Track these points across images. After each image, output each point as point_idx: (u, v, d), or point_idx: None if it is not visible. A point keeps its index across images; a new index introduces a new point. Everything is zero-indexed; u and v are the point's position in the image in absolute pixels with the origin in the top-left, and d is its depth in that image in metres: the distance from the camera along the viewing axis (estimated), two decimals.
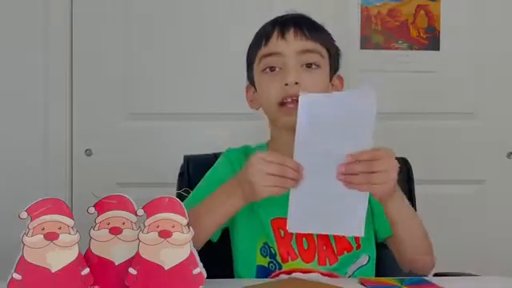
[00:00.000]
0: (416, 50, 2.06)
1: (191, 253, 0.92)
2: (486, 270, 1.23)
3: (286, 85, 1.15)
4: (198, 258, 0.93)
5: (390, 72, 2.05)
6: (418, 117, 2.08)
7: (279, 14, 1.24)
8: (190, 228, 0.93)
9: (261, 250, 1.20)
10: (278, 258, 1.18)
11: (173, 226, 0.91)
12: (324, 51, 1.21)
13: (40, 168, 1.99)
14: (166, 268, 0.92)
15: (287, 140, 1.20)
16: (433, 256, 1.19)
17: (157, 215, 0.91)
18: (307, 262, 1.17)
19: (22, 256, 0.88)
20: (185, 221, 0.92)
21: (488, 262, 1.90)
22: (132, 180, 1.99)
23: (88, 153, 2.01)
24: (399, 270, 1.21)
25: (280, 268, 1.18)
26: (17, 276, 0.88)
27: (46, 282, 0.88)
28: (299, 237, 1.18)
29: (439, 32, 2.06)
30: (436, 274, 1.20)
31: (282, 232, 1.18)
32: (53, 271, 0.89)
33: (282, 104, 1.16)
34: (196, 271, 0.93)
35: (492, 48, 2.08)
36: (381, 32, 2.05)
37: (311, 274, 1.16)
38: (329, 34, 1.25)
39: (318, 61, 1.19)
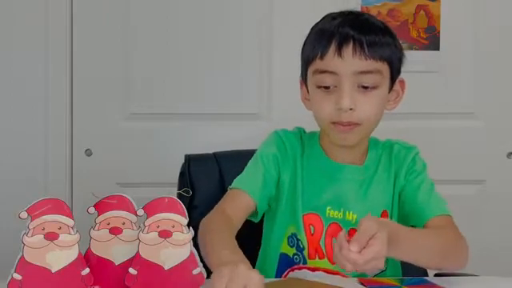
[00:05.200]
0: (416, 49, 2.06)
1: (191, 253, 0.93)
2: (486, 271, 1.22)
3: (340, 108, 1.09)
4: (198, 258, 0.93)
5: None
6: (419, 117, 2.08)
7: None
8: (190, 228, 0.93)
9: (288, 238, 1.19)
10: (306, 253, 1.17)
11: (173, 226, 0.91)
12: (385, 67, 1.12)
13: (40, 168, 1.99)
14: (166, 268, 0.92)
15: (334, 150, 1.20)
16: (461, 256, 1.14)
17: (157, 215, 0.91)
18: (334, 264, 1.15)
19: (22, 256, 0.88)
20: (185, 221, 0.92)
21: (488, 262, 1.89)
22: (132, 180, 1.99)
23: (88, 153, 2.01)
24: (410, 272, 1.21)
25: (305, 263, 1.17)
26: (17, 276, 0.88)
27: (45, 282, 0.88)
28: (329, 237, 1.16)
29: (439, 32, 2.06)
30: (436, 274, 1.20)
31: (313, 229, 1.17)
32: (53, 271, 0.89)
33: (335, 122, 1.12)
34: (196, 271, 0.93)
35: (492, 48, 2.08)
36: None
37: (334, 276, 1.13)
38: (393, 40, 1.14)
39: (376, 82, 1.11)
